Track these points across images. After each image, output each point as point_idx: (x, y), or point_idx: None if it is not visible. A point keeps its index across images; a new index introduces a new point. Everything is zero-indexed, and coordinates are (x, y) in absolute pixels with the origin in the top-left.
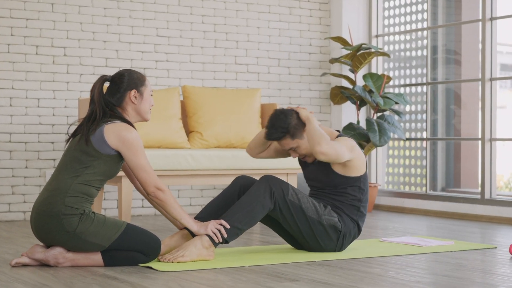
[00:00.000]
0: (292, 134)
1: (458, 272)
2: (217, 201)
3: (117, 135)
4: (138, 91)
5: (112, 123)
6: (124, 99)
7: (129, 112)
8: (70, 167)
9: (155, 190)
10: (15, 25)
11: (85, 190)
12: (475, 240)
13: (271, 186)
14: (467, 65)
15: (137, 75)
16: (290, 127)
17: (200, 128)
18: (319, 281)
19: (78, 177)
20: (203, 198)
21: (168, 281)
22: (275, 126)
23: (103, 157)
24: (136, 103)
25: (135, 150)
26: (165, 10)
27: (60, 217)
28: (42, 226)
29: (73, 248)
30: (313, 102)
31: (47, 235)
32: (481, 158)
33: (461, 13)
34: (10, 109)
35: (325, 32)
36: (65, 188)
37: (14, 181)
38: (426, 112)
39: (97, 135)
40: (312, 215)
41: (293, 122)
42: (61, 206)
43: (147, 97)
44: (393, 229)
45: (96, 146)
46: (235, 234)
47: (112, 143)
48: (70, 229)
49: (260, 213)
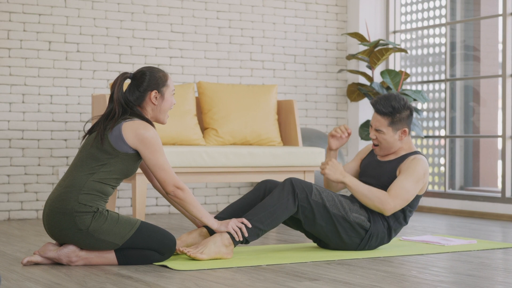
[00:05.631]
0: (394, 121)
1: (481, 272)
2: (239, 203)
3: (136, 133)
4: (159, 92)
5: (131, 120)
6: (144, 99)
7: (148, 112)
8: (85, 164)
9: (174, 189)
10: (27, 21)
11: (100, 188)
12: (497, 239)
13: (294, 189)
14: (486, 61)
15: (159, 74)
16: (399, 114)
17: (216, 124)
18: (340, 281)
19: (94, 174)
20: (218, 197)
21: (184, 280)
22: (388, 99)
23: (121, 155)
24: (156, 104)
25: (154, 149)
26: (179, 5)
27: (73, 214)
28: (54, 223)
29: (86, 247)
30: (330, 99)
31: (60, 233)
32: (501, 155)
33: (480, 9)
34: (22, 105)
35: (341, 28)
36: (80, 185)
37: (26, 178)
38: (445, 109)
39: (114, 133)
40: (336, 212)
41: (405, 114)
42: (75, 204)
43: (168, 98)
44: (412, 228)
45: (114, 144)
46: (255, 234)
47: (130, 141)
48: (83, 227)
49: (283, 215)
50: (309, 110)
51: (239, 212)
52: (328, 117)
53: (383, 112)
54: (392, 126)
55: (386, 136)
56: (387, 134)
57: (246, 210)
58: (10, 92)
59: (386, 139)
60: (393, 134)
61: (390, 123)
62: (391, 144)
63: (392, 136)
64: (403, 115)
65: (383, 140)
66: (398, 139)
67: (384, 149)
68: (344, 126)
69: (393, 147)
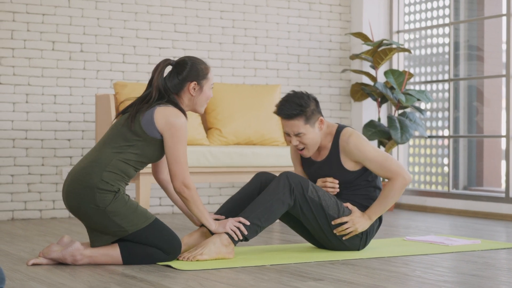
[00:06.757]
0: (308, 116)
1: (485, 272)
2: (237, 198)
3: (166, 119)
4: (199, 84)
5: (165, 106)
6: (183, 89)
7: (184, 102)
8: (114, 142)
9: (181, 186)
10: (31, 21)
11: (124, 169)
12: (501, 239)
13: (290, 182)
14: (490, 61)
15: (201, 66)
16: (308, 108)
17: (219, 124)
18: (344, 281)
19: (120, 154)
20: (221, 197)
21: (188, 280)
22: (290, 101)
23: (149, 140)
24: (194, 95)
25: (178, 139)
26: (183, 5)
27: (95, 190)
28: (74, 194)
29: (96, 224)
30: (333, 99)
31: (77, 205)
32: (505, 155)
33: (484, 8)
34: (26, 105)
35: (345, 28)
36: (106, 161)
37: (30, 178)
38: (449, 109)
39: (146, 117)
40: (332, 213)
41: (312, 106)
42: (98, 180)
43: (206, 90)
44: (415, 228)
45: (144, 127)
46: (254, 231)
47: (159, 126)
48: (102, 205)
49: (280, 209)
50: None
51: (238, 206)
52: (331, 117)
53: (293, 114)
54: (309, 122)
55: (309, 135)
56: (309, 133)
57: (244, 204)
58: (14, 92)
59: (310, 137)
60: (313, 129)
61: (305, 121)
62: (316, 140)
63: (313, 132)
64: (312, 106)
65: (307, 141)
66: (319, 132)
67: (312, 148)
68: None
69: (318, 141)
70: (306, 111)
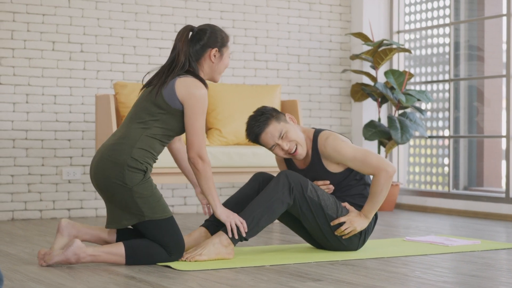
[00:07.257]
0: (276, 117)
1: (485, 272)
2: (235, 198)
3: (187, 89)
4: (220, 51)
5: (185, 77)
6: (203, 55)
7: (205, 69)
8: (140, 117)
9: (196, 157)
10: (31, 21)
11: (152, 144)
12: (501, 239)
13: (290, 182)
14: (490, 61)
15: (222, 34)
16: (269, 112)
17: (219, 124)
18: (344, 281)
19: (147, 129)
20: (221, 197)
21: (187, 281)
22: (252, 120)
23: (173, 112)
24: (214, 62)
25: (197, 110)
26: (183, 5)
27: (124, 167)
28: (102, 169)
29: (118, 202)
30: (333, 99)
31: (104, 180)
32: (505, 156)
33: (484, 9)
34: (26, 106)
35: (345, 28)
36: (135, 138)
37: (30, 179)
38: (449, 109)
39: (168, 88)
40: (331, 213)
41: (270, 110)
42: (127, 157)
43: (225, 59)
44: (416, 228)
45: (167, 99)
46: (254, 231)
47: (180, 96)
48: (129, 183)
49: (280, 208)
50: (312, 110)
51: (236, 206)
52: (332, 117)
53: (264, 123)
54: (280, 120)
55: (291, 131)
56: (289, 129)
57: (243, 204)
58: (14, 92)
59: (294, 132)
60: (290, 125)
61: (277, 121)
62: (300, 134)
63: (291, 126)
64: (270, 110)
65: (294, 136)
66: (296, 127)
67: (303, 144)
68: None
69: (303, 136)
70: (270, 114)
